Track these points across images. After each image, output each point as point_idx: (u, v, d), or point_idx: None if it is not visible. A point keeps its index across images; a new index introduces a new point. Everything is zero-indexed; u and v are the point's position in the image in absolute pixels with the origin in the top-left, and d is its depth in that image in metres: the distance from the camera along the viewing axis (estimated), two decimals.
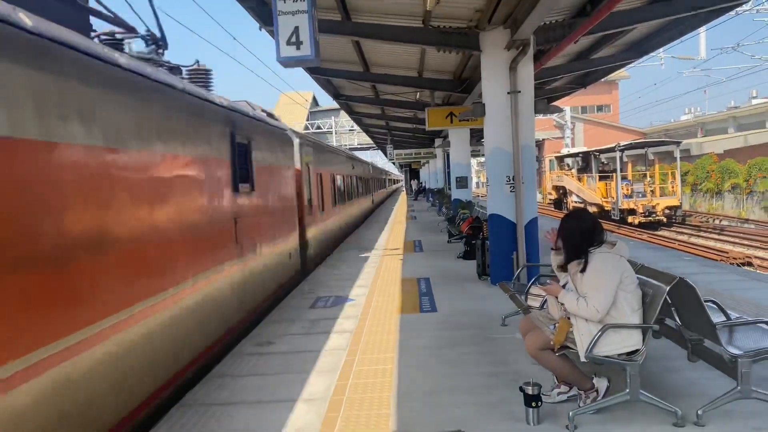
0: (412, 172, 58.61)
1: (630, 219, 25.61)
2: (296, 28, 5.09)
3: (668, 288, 3.75)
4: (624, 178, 27.37)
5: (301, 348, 6.16)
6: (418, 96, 16.91)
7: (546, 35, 8.70)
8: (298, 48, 5.08)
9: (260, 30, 8.71)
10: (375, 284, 9.50)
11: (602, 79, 15.69)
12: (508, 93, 8.50)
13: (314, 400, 4.66)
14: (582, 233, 4.07)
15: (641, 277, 4.10)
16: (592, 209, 30.13)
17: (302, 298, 8.67)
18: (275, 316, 7.69)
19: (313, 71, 12.74)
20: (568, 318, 4.04)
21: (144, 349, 4.52)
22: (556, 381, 4.31)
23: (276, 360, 5.80)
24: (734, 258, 16.67)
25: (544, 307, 4.61)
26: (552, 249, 4.41)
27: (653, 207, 25.50)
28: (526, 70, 8.64)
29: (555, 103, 16.94)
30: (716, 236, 22.32)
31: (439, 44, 9.17)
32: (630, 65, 13.66)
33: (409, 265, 11.36)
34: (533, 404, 3.90)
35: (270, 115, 9.79)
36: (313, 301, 8.44)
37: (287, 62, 5.14)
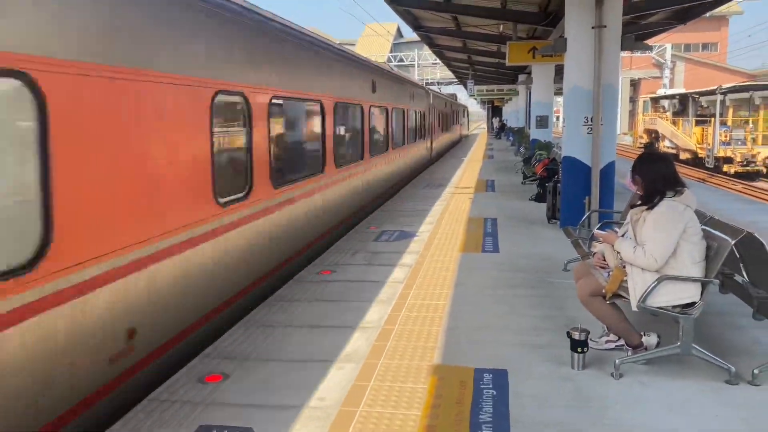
0: (495, 110, 57.01)
1: (725, 168, 23.96)
2: None
3: (734, 242, 3.55)
4: (723, 123, 25.43)
5: (360, 278, 6.35)
6: (501, 29, 16.19)
7: None
8: None
9: None
10: (441, 221, 9.51)
11: (708, 14, 14.31)
12: (593, 27, 7.98)
13: (366, 328, 4.83)
14: (666, 178, 3.88)
15: (708, 229, 3.89)
16: (684, 156, 28.41)
17: (367, 231, 8.84)
18: (340, 245, 7.91)
19: (391, 1, 12.41)
20: (624, 267, 3.92)
21: None
22: (605, 329, 4.24)
23: (335, 288, 6.01)
24: None
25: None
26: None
27: (753, 156, 23.69)
28: (614, 2, 8.04)
29: (650, 40, 15.69)
30: None
31: None
32: None
33: (477, 205, 11.26)
34: (579, 350, 3.87)
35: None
36: (377, 234, 8.60)
37: None
